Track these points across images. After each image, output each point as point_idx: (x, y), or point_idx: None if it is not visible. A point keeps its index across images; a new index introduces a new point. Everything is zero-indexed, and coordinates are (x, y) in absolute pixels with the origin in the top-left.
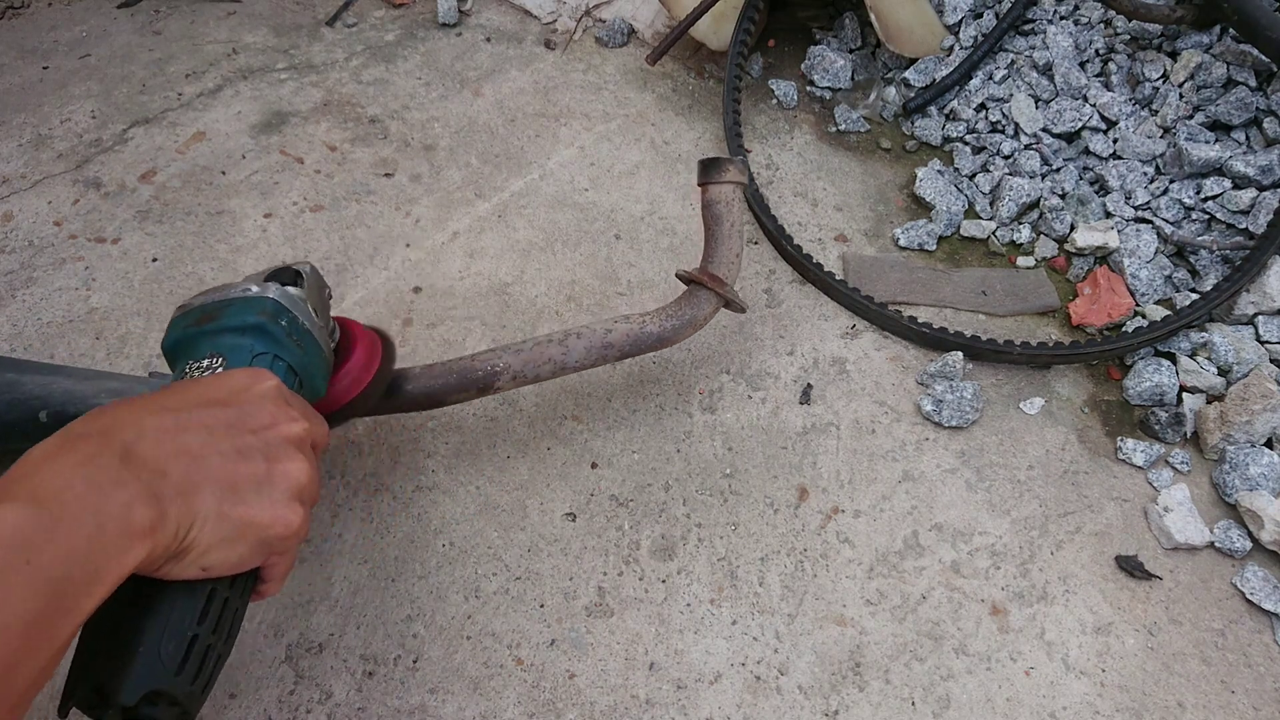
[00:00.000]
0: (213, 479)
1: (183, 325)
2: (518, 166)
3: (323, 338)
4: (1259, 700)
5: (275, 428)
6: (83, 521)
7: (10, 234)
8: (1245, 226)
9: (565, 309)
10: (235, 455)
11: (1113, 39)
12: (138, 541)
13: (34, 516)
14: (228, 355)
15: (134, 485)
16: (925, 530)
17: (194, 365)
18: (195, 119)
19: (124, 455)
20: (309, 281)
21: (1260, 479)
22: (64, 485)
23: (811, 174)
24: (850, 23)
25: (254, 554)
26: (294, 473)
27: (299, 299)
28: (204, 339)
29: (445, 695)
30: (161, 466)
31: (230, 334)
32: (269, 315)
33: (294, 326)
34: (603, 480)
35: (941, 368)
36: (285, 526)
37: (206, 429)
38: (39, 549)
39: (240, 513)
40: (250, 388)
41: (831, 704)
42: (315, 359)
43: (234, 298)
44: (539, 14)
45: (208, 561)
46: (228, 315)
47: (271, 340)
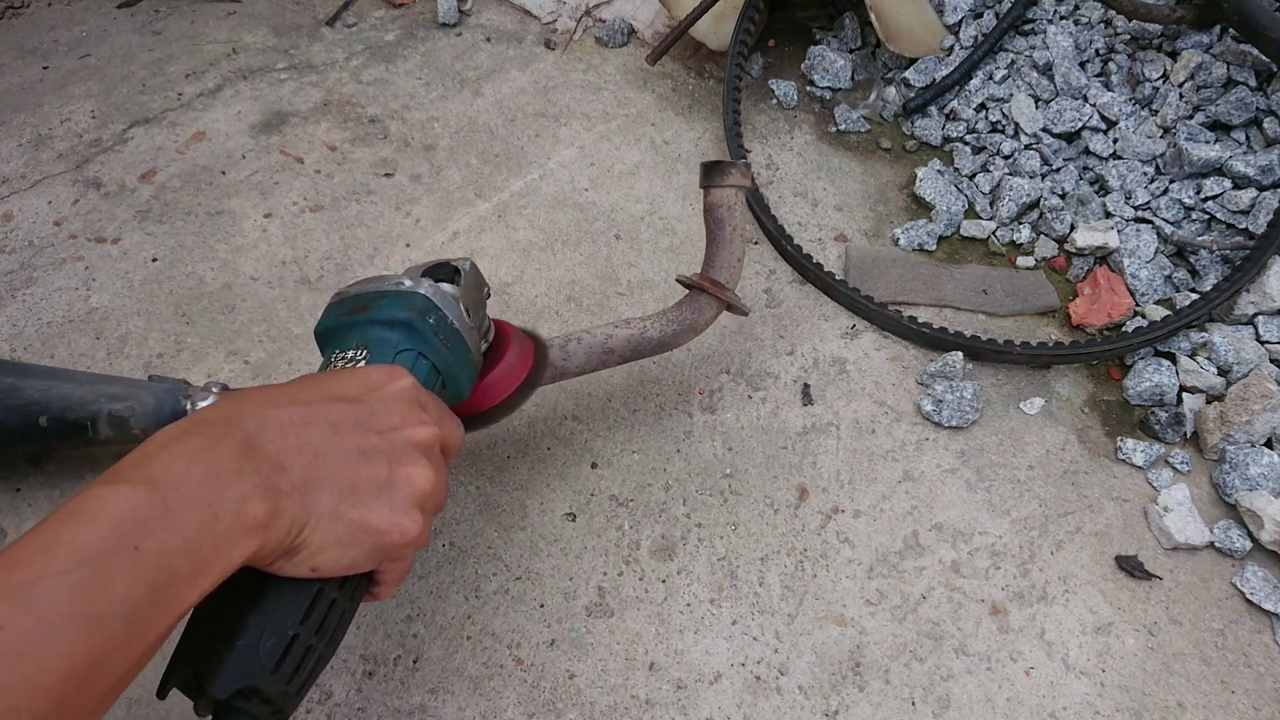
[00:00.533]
0: (332, 478)
1: (336, 314)
2: (518, 166)
3: (472, 339)
4: (1259, 700)
5: (403, 430)
6: (196, 511)
7: (10, 234)
8: (1245, 226)
9: (565, 309)
10: (358, 455)
11: (1113, 39)
12: (249, 536)
13: (147, 501)
14: (373, 349)
15: (252, 477)
16: (925, 530)
17: (339, 355)
18: (195, 119)
19: (246, 445)
20: (466, 279)
21: (1260, 479)
22: (182, 472)
23: (811, 174)
24: (850, 23)
25: (367, 558)
26: (416, 478)
27: (451, 297)
28: (353, 329)
29: (445, 695)
30: (282, 460)
31: (378, 327)
32: (417, 311)
33: (442, 325)
34: (603, 480)
35: (941, 368)
36: (402, 534)
37: (332, 425)
38: (149, 535)
39: (357, 515)
40: (383, 386)
41: (831, 704)
42: (461, 359)
43: (387, 290)
44: (539, 14)
45: (318, 562)
46: (378, 308)
47: (418, 337)
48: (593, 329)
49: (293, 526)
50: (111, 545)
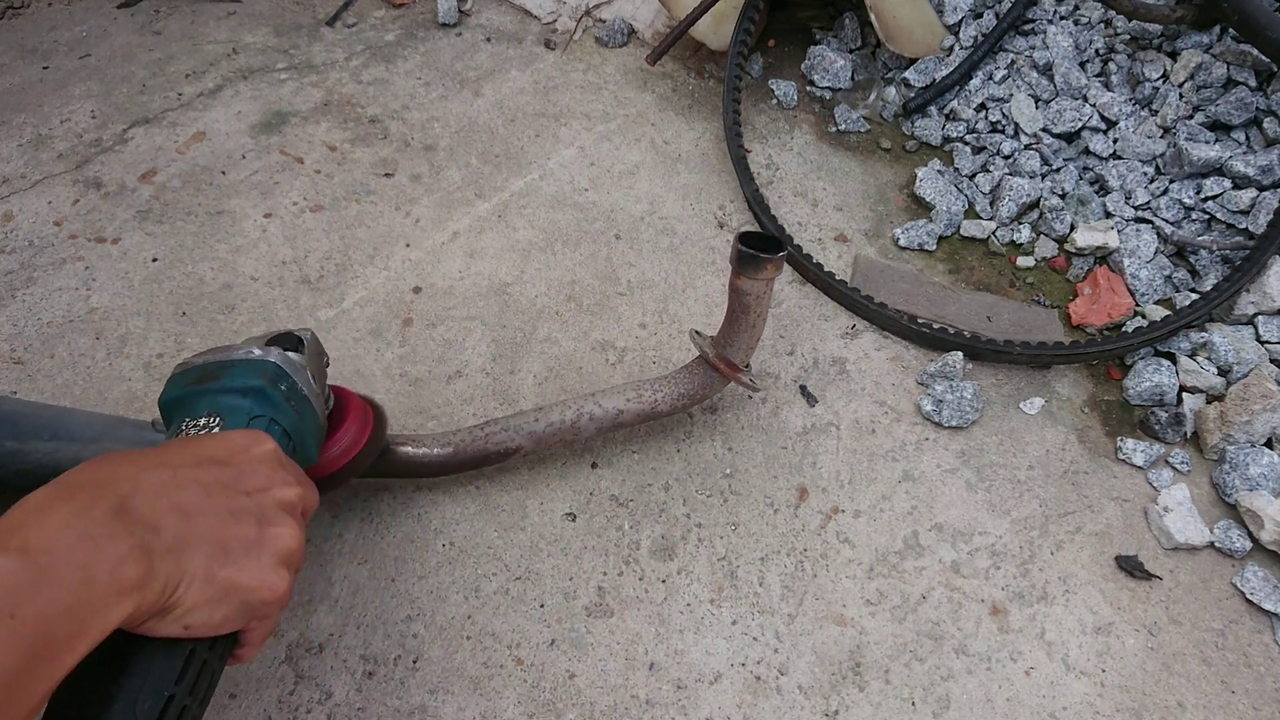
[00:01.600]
0: (204, 538)
1: (183, 383)
2: (518, 166)
3: (319, 404)
4: (1259, 700)
5: (269, 491)
6: (71, 575)
7: (10, 234)
8: (1245, 226)
9: (565, 309)
10: (229, 516)
11: (1113, 39)
12: (125, 597)
13: (22, 569)
14: (225, 415)
15: (126, 540)
16: (925, 530)
17: (190, 424)
18: (195, 119)
19: (118, 508)
20: (310, 348)
21: (1260, 479)
22: (55, 537)
23: (811, 174)
24: (850, 23)
25: (237, 616)
26: (284, 538)
27: (299, 365)
28: (203, 398)
29: (445, 695)
30: (155, 521)
31: (230, 395)
32: (269, 379)
33: (293, 391)
34: (603, 480)
35: (941, 368)
36: (270, 591)
37: (203, 487)
38: (24, 602)
39: (228, 574)
40: (248, 449)
41: (831, 704)
42: (310, 425)
43: (237, 359)
44: (539, 14)
45: (191, 620)
46: (229, 376)
47: (270, 404)
48: (603, 401)
49: (166, 586)
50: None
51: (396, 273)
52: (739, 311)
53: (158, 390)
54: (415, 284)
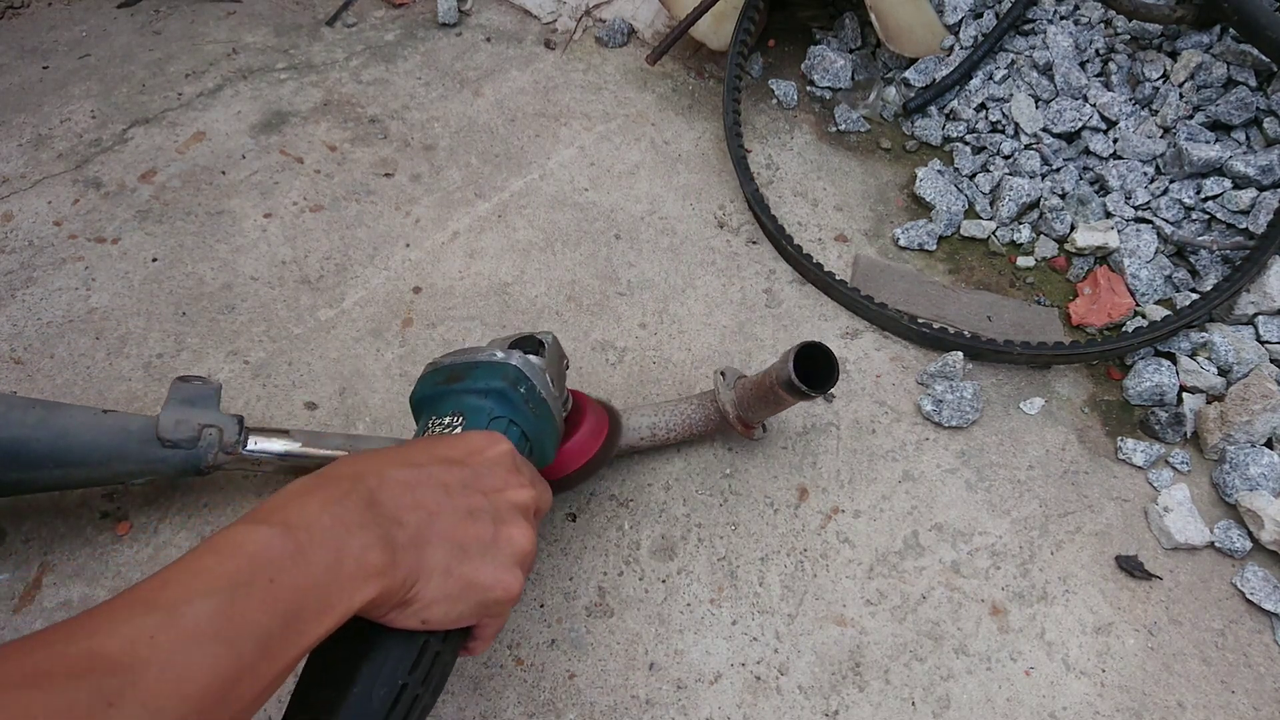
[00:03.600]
0: (443, 536)
1: (432, 382)
2: (518, 166)
3: (556, 407)
4: (1259, 700)
5: (505, 492)
6: (325, 553)
7: (10, 234)
8: (1245, 226)
9: (565, 309)
10: (466, 515)
11: (1113, 39)
12: (370, 581)
13: (282, 541)
14: (468, 415)
15: (374, 530)
16: (925, 530)
17: (436, 421)
18: (195, 119)
19: (369, 500)
20: (550, 351)
21: (1260, 479)
22: (314, 518)
23: (811, 174)
24: (850, 23)
25: (472, 613)
26: (518, 538)
27: (539, 368)
28: (449, 397)
29: (445, 695)
30: (399, 516)
31: (473, 395)
32: (510, 381)
33: (532, 394)
34: (603, 480)
35: (941, 368)
36: (505, 590)
37: (443, 486)
38: (282, 571)
39: (465, 572)
40: (485, 450)
41: (831, 704)
42: (547, 427)
43: (481, 361)
44: (539, 14)
45: (428, 615)
46: (473, 377)
47: (510, 405)
48: (656, 416)
49: (408, 579)
50: (248, 577)
51: (396, 273)
52: (772, 404)
53: (158, 390)
54: (415, 284)
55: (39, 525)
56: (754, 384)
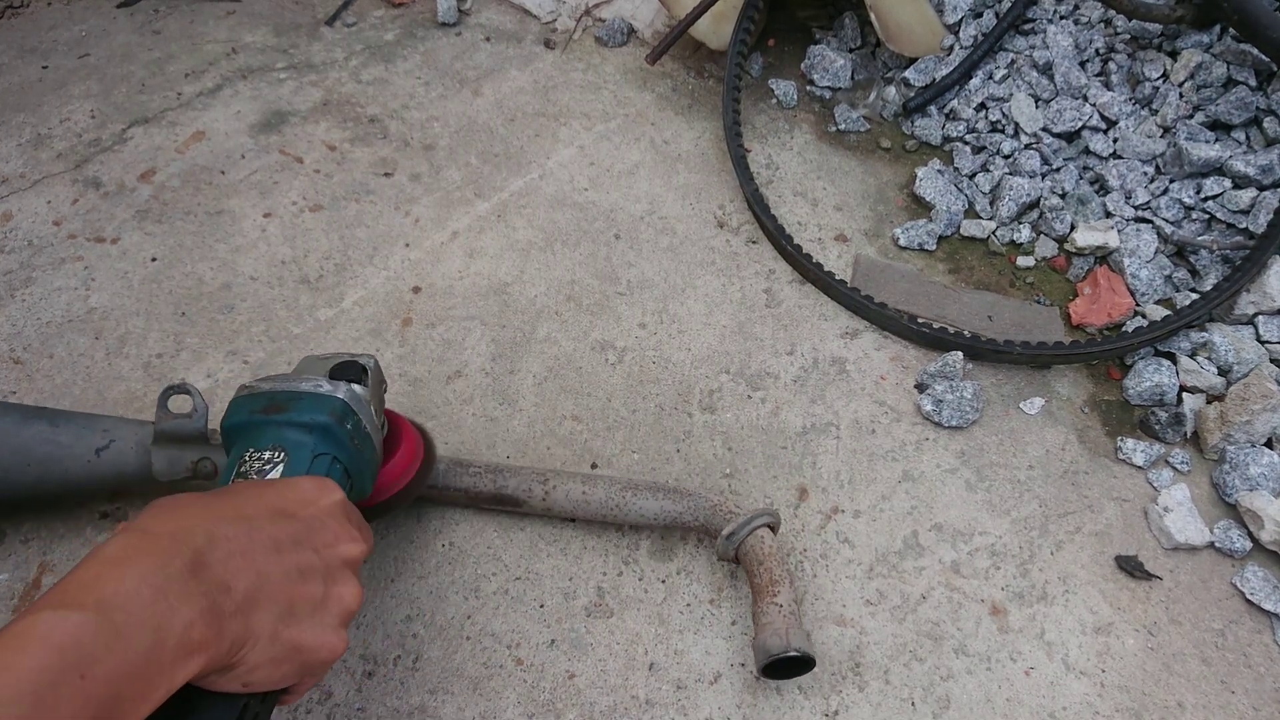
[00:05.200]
0: (273, 598)
1: (248, 409)
2: (517, 166)
3: (377, 439)
4: (1259, 700)
5: (336, 547)
6: (144, 634)
7: (9, 234)
8: (1245, 226)
9: (565, 309)
10: (297, 575)
11: (1113, 38)
12: (193, 657)
13: (96, 626)
14: (290, 450)
15: (199, 601)
16: (925, 530)
17: (254, 454)
18: (195, 119)
19: (194, 564)
20: (372, 379)
21: (1260, 479)
22: (131, 594)
23: (811, 174)
24: (850, 22)
25: (295, 675)
26: (347, 598)
27: (364, 400)
28: (269, 429)
29: (445, 695)
30: (228, 581)
31: (296, 429)
32: (337, 417)
33: (357, 430)
34: None
35: (941, 368)
36: (330, 652)
37: (275, 543)
38: (96, 662)
39: (292, 635)
40: (317, 501)
41: (831, 704)
42: (370, 461)
43: (305, 391)
44: (539, 14)
45: (251, 679)
46: (296, 409)
47: (335, 442)
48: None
49: (233, 647)
50: (57, 675)
51: (396, 272)
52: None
53: (157, 390)
54: (414, 284)
55: (39, 525)
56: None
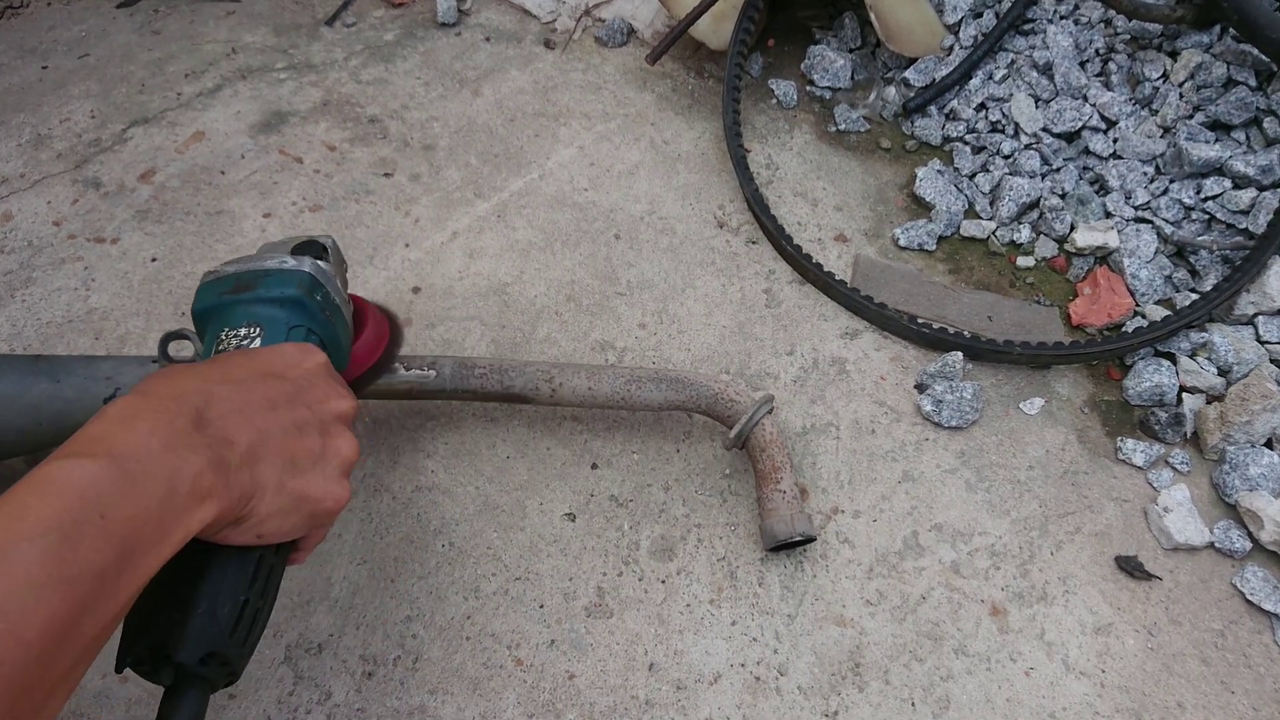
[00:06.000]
0: (275, 452)
1: (217, 292)
2: (517, 166)
3: (347, 313)
4: (1259, 700)
5: (327, 403)
6: (157, 482)
7: (9, 234)
8: (1245, 226)
9: (565, 309)
10: (294, 430)
11: (1113, 39)
12: (205, 504)
13: (111, 473)
14: (265, 325)
15: (205, 451)
16: (925, 530)
17: (230, 334)
18: (194, 119)
19: (197, 420)
20: (333, 256)
21: (1260, 479)
22: (141, 445)
23: (811, 174)
24: (850, 22)
25: (304, 525)
26: (344, 449)
27: (329, 273)
28: (239, 307)
29: (445, 696)
30: (230, 436)
31: (266, 305)
32: (305, 289)
33: (326, 301)
34: (602, 480)
35: (941, 368)
36: (335, 501)
37: (269, 402)
38: (114, 505)
39: (297, 485)
40: (302, 363)
41: (831, 704)
42: (341, 334)
43: (270, 269)
44: (538, 14)
45: (264, 530)
46: (264, 286)
47: (306, 314)
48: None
49: (243, 497)
50: (78, 514)
51: (396, 273)
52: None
53: None
54: (414, 284)
55: None
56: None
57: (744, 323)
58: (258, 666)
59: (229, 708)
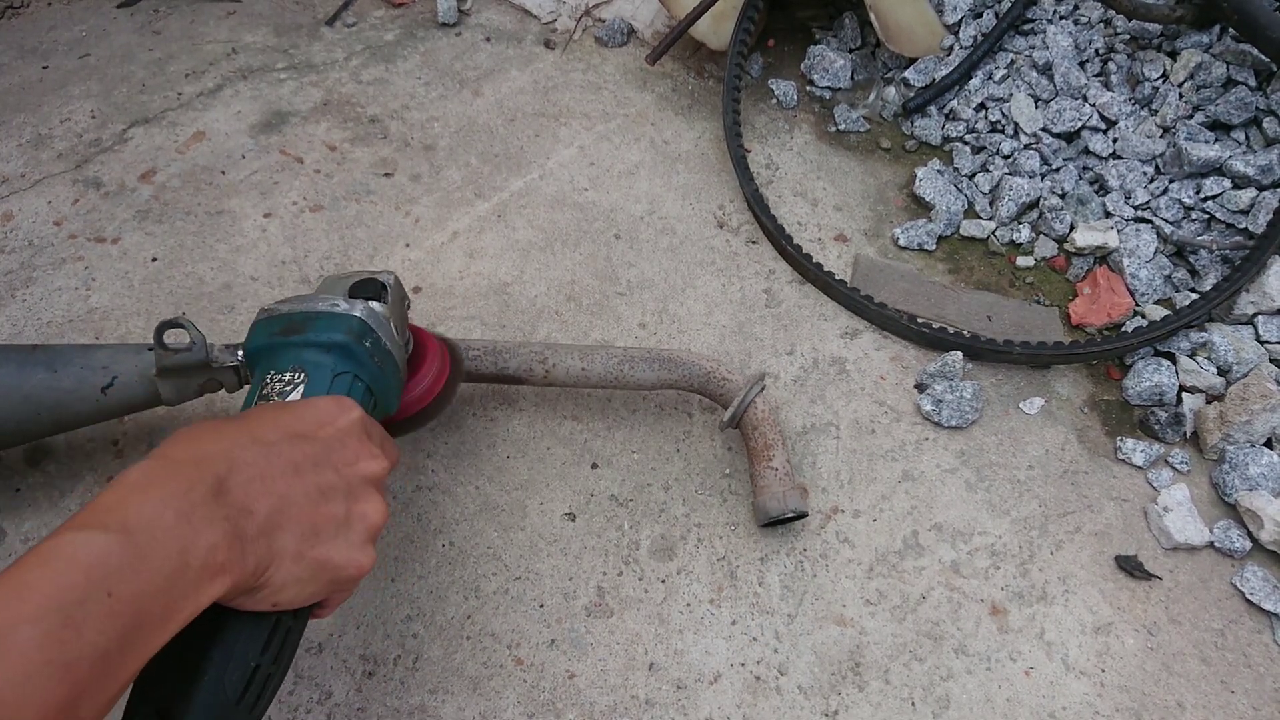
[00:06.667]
0: (295, 520)
1: (268, 332)
2: (517, 166)
3: (400, 356)
4: (1259, 700)
5: (356, 465)
6: (168, 558)
7: (10, 234)
8: (1245, 226)
9: (565, 309)
10: (318, 495)
11: (1112, 39)
12: (216, 579)
13: (120, 547)
14: (310, 371)
15: (222, 525)
16: (925, 530)
17: (275, 377)
18: (195, 119)
19: (216, 489)
20: (393, 295)
21: (1260, 479)
22: (154, 517)
23: (811, 174)
24: (850, 22)
25: (323, 592)
26: (371, 514)
27: (383, 317)
28: (288, 350)
29: (445, 695)
30: (248, 505)
31: (314, 349)
32: (354, 335)
33: (377, 347)
34: (603, 480)
35: (941, 368)
36: (357, 569)
37: (294, 466)
38: (121, 582)
39: (317, 554)
40: (335, 421)
41: (831, 704)
42: (392, 378)
43: (321, 311)
44: (539, 14)
45: (280, 598)
46: (313, 329)
47: (354, 360)
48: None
49: (258, 568)
50: (83, 593)
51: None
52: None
53: None
54: (415, 284)
55: (39, 525)
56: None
57: (744, 322)
58: None
59: None
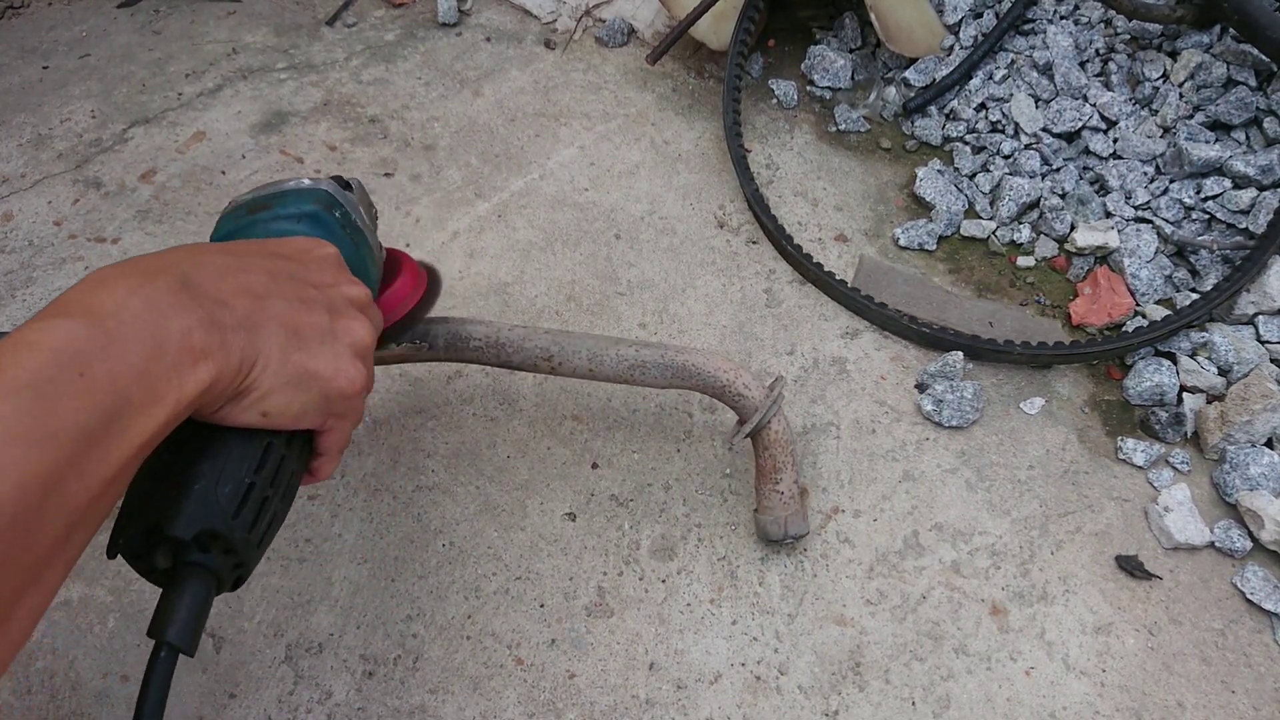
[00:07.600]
0: (276, 320)
1: (235, 219)
2: (518, 166)
3: (374, 240)
4: (1259, 700)
5: (337, 286)
6: (140, 340)
7: (10, 234)
8: (1245, 226)
9: (565, 309)
10: (299, 303)
11: (1113, 39)
12: (200, 364)
13: (88, 330)
14: None
15: (195, 311)
16: (925, 530)
17: None
18: (195, 119)
19: (184, 283)
20: (358, 190)
21: (1260, 479)
22: (121, 304)
23: (811, 174)
24: (850, 22)
25: (315, 408)
26: (356, 330)
27: (351, 199)
28: (257, 227)
29: (445, 695)
30: (223, 298)
31: (284, 221)
32: (324, 205)
33: (347, 220)
34: (603, 480)
35: (941, 367)
36: (349, 381)
37: (270, 274)
38: (94, 362)
39: (303, 359)
40: (312, 250)
41: (831, 704)
42: (367, 257)
43: (288, 189)
44: (539, 14)
45: (268, 406)
46: (282, 204)
47: (325, 229)
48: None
49: (243, 364)
50: (53, 372)
51: None
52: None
53: None
54: None
55: None
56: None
57: (744, 322)
58: (258, 666)
59: (229, 707)
